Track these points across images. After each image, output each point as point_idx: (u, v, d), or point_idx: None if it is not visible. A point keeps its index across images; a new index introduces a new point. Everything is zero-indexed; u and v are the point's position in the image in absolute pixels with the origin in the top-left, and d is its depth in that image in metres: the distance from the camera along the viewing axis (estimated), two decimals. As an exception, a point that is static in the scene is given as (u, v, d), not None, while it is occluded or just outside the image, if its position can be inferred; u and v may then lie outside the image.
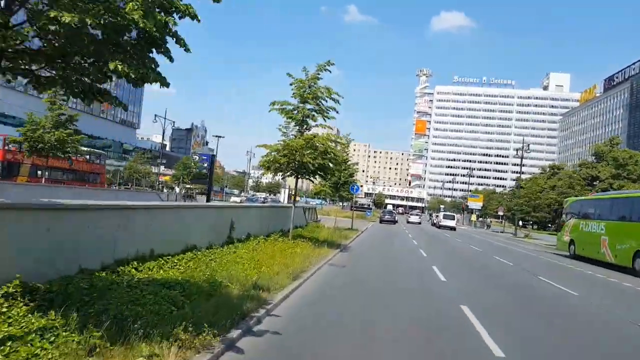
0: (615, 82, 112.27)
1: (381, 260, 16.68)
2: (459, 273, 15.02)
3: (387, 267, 14.84)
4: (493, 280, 14.29)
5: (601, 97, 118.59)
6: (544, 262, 22.11)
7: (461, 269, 16.55)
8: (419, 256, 18.99)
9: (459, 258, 20.55)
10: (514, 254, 25.35)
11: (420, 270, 14.60)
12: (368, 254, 18.36)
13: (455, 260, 19.31)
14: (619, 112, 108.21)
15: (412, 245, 24.28)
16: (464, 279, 13.69)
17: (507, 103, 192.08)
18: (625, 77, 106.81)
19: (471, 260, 19.85)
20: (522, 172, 51.83)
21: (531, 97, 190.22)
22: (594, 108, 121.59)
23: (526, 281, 14.25)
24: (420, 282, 12.10)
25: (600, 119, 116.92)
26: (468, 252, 23.89)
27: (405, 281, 12.09)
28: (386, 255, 18.85)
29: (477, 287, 12.35)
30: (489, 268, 17.63)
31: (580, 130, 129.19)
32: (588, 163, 56.91)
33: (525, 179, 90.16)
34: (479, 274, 15.39)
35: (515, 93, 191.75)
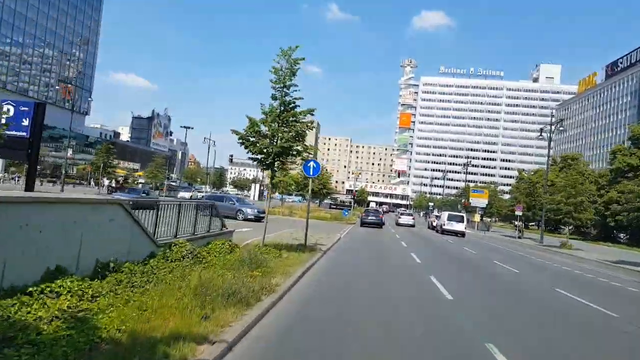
0: (619, 67, 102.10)
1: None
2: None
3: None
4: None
5: (603, 85, 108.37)
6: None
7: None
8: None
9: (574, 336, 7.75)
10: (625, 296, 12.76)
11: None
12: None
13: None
14: (625, 99, 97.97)
15: (443, 298, 11.17)
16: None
17: (496, 95, 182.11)
18: (632, 61, 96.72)
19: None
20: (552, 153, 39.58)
21: (521, 90, 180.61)
22: (595, 97, 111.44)
23: None
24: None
25: (604, 108, 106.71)
26: (561, 305, 11.18)
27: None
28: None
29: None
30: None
31: (580, 121, 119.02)
32: (624, 149, 45.60)
33: (529, 172, 78.70)
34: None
35: (504, 85, 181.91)
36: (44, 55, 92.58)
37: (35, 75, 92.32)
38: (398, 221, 41.75)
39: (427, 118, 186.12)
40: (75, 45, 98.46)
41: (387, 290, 9.44)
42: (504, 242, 33.99)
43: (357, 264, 12.83)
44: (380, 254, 16.26)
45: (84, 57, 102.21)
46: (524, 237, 40.17)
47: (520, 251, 26.39)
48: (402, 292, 9.32)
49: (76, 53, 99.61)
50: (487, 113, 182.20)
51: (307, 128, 11.77)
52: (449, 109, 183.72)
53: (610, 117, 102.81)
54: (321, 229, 25.59)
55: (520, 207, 38.93)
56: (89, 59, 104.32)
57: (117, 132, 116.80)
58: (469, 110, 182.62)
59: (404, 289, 9.74)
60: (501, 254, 22.37)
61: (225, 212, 25.28)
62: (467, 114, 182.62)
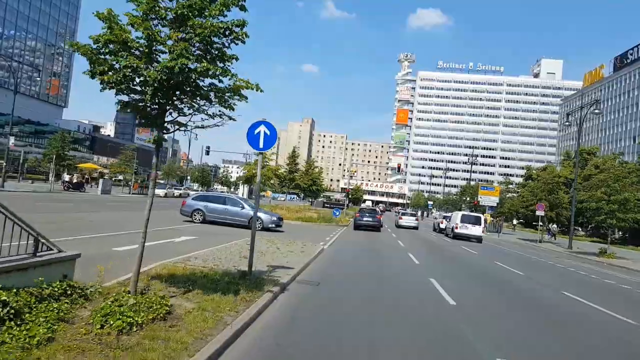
0: (629, 59, 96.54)
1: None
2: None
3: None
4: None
5: (611, 78, 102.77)
6: None
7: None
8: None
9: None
10: None
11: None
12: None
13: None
14: (636, 92, 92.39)
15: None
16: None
17: (496, 91, 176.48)
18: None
19: None
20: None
21: (521, 85, 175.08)
22: (603, 90, 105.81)
23: None
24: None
25: (613, 102, 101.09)
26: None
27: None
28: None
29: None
30: None
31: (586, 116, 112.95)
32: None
33: (538, 168, 72.88)
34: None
35: (504, 80, 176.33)
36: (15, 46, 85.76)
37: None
38: (399, 222, 35.68)
39: (424, 114, 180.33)
40: (53, 36, 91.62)
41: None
42: (530, 249, 28.01)
43: (339, 325, 6.27)
44: (380, 286, 9.51)
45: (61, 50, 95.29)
46: (539, 239, 34.24)
47: (559, 262, 20.38)
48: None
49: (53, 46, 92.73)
50: (486, 109, 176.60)
51: (234, 38, 5.60)
52: (448, 105, 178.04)
53: (621, 112, 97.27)
54: (302, 234, 19.52)
55: (541, 206, 32.91)
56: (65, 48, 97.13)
57: (97, 126, 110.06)
58: (468, 106, 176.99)
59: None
60: (560, 275, 16.30)
61: (231, 219, 19.43)
62: (466, 110, 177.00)
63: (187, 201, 20.75)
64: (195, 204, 19.92)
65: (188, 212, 19.80)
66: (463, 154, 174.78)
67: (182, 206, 20.42)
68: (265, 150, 8.04)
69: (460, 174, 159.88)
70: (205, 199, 20.49)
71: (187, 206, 20.07)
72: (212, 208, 19.66)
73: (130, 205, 28.56)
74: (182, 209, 20.28)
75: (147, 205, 5.60)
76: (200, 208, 19.62)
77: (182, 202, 21.07)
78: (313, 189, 47.26)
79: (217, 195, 22.41)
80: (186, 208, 20.03)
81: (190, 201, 20.58)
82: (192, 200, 20.74)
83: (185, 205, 20.26)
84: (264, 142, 7.90)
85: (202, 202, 19.97)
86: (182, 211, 20.14)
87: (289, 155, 39.45)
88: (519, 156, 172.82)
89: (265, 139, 7.90)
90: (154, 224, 17.42)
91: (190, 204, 20.08)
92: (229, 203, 20.22)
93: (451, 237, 27.54)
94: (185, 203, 20.53)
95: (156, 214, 25.16)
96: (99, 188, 41.32)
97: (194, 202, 20.18)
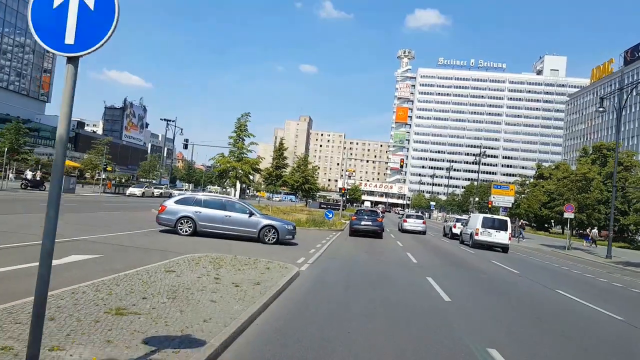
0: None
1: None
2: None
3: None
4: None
5: (621, 72, 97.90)
6: None
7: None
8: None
9: None
10: None
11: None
12: None
13: None
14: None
15: None
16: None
17: (498, 88, 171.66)
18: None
19: None
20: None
21: (524, 82, 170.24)
22: (613, 85, 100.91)
23: None
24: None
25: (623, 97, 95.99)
26: None
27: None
28: None
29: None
30: None
31: (593, 112, 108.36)
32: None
33: (549, 166, 67.95)
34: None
35: (507, 77, 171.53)
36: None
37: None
38: (403, 226, 30.59)
39: (425, 112, 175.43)
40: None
41: None
42: (567, 260, 23.02)
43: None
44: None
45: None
46: (570, 245, 29.22)
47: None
48: None
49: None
50: (488, 107, 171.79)
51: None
52: (448, 103, 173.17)
53: (632, 107, 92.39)
54: (279, 246, 14.48)
55: (571, 207, 27.91)
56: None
57: (81, 122, 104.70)
58: (470, 104, 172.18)
59: None
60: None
61: (234, 229, 14.45)
62: (467, 108, 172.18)
63: (167, 206, 14.64)
64: (181, 210, 14.37)
65: (170, 221, 14.28)
66: (464, 153, 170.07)
67: (161, 213, 14.55)
68: (86, 50, 2.88)
69: (462, 174, 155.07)
70: (197, 203, 14.71)
71: (169, 212, 14.39)
72: (207, 215, 14.37)
73: (78, 206, 23.50)
74: (160, 217, 14.53)
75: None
76: (190, 215, 14.25)
77: (159, 208, 15.04)
78: (305, 187, 42.01)
79: (212, 198, 15.80)
80: (167, 215, 14.37)
81: (172, 205, 14.61)
82: (176, 204, 14.73)
83: (165, 212, 14.45)
84: (80, 27, 2.80)
85: (191, 207, 14.44)
86: (161, 219, 14.48)
87: (276, 149, 34.31)
88: (522, 155, 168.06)
89: (84, 19, 2.79)
90: (97, 229, 12.29)
91: (174, 210, 14.40)
92: (231, 208, 14.78)
93: (470, 246, 22.42)
94: (165, 209, 14.54)
95: (119, 216, 20.54)
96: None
97: (179, 208, 14.46)
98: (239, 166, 22.09)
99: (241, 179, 22.95)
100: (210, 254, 9.93)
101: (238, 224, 14.47)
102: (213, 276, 7.55)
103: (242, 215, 14.65)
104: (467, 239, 23.43)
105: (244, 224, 14.52)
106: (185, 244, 12.33)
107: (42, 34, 2.86)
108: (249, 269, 8.70)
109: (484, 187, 50.90)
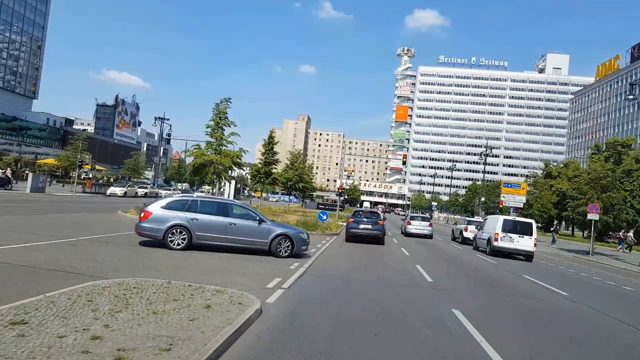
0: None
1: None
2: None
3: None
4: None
5: (628, 69, 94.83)
6: None
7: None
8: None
9: None
10: None
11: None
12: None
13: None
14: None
15: None
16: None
17: (499, 87, 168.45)
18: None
19: None
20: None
21: (526, 81, 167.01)
22: (619, 82, 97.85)
23: None
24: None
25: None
26: None
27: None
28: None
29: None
30: None
31: (599, 110, 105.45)
32: None
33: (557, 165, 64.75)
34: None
35: (508, 75, 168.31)
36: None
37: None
38: (407, 229, 27.23)
39: (425, 111, 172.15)
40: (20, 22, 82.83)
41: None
42: (600, 269, 19.77)
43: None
44: None
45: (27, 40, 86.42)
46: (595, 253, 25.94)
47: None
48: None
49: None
50: (489, 106, 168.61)
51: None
52: (449, 102, 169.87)
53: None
54: (256, 255, 11.23)
55: (595, 207, 24.64)
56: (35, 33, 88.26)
57: (69, 119, 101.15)
58: (471, 102, 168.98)
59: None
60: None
61: (240, 240, 11.42)
62: (468, 107, 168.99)
63: (152, 211, 11.12)
64: (171, 217, 11.06)
65: (157, 232, 10.94)
66: (465, 153, 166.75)
67: (143, 221, 11.06)
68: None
69: (463, 174, 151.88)
70: (191, 207, 11.31)
71: (155, 220, 10.98)
72: (206, 223, 11.20)
73: (31, 207, 20.25)
74: (142, 226, 11.06)
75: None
76: (183, 224, 11.03)
77: (142, 214, 11.29)
78: (300, 186, 38.59)
79: (211, 200, 12.35)
80: (152, 224, 10.97)
81: (159, 211, 11.14)
82: (165, 209, 11.22)
83: (150, 220, 11.00)
84: None
85: (183, 214, 11.13)
86: (144, 229, 11.05)
87: (265, 142, 30.94)
88: (524, 155, 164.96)
89: None
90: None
91: (161, 217, 11.03)
92: (234, 214, 11.64)
93: (487, 253, 19.05)
94: (149, 215, 11.05)
95: (71, 220, 17.32)
96: (27, 185, 32.89)
97: (168, 214, 11.09)
98: (218, 160, 18.71)
99: (220, 174, 19.58)
100: (128, 280, 6.59)
101: (245, 234, 11.43)
102: (91, 333, 4.22)
103: (250, 222, 11.56)
104: (482, 244, 20.08)
105: (252, 234, 11.50)
106: (134, 261, 9.01)
107: None
108: (176, 308, 5.37)
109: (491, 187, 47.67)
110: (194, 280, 7.20)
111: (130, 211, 20.98)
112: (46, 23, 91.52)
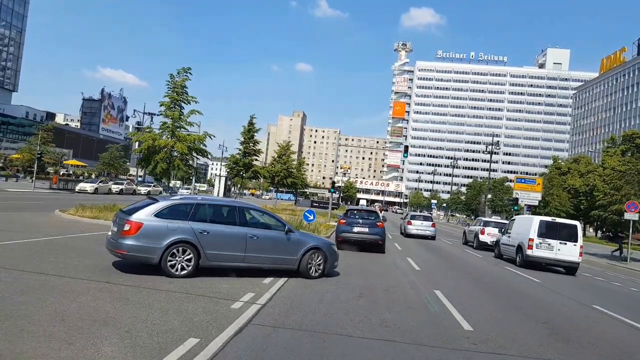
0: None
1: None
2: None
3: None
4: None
5: (635, 62, 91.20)
6: None
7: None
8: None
9: None
10: None
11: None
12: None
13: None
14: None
15: None
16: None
17: (499, 82, 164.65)
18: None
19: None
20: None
21: (526, 76, 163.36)
22: (625, 76, 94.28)
23: None
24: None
25: (636, 88, 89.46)
26: None
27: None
28: None
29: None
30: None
31: (603, 105, 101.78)
32: None
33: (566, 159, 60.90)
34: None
35: (508, 71, 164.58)
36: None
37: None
38: (407, 230, 23.20)
39: (423, 107, 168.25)
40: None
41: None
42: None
43: None
44: None
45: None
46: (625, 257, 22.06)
47: None
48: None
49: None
50: (488, 102, 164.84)
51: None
52: (447, 98, 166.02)
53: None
54: (217, 275, 7.08)
55: (635, 205, 20.71)
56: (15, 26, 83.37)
57: (51, 113, 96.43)
58: (469, 98, 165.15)
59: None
60: None
61: (264, 261, 8.13)
62: (466, 103, 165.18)
63: (144, 222, 7.17)
64: (170, 229, 7.25)
65: (151, 252, 7.10)
66: (464, 150, 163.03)
67: (130, 236, 7.04)
68: None
69: (462, 171, 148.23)
70: (196, 215, 7.61)
71: (146, 236, 7.08)
72: (219, 236, 7.61)
73: None
74: (125, 245, 7.04)
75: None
76: (189, 239, 7.31)
77: (126, 227, 7.12)
78: (288, 181, 34.37)
79: (221, 204, 8.58)
80: (141, 242, 7.05)
81: (152, 221, 7.22)
82: (158, 217, 7.30)
83: (138, 235, 7.05)
84: None
85: (187, 224, 7.41)
86: (128, 248, 7.06)
87: (244, 130, 26.78)
88: (524, 152, 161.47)
89: None
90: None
91: (156, 230, 7.18)
92: (254, 221, 8.36)
93: (518, 265, 14.86)
94: (138, 228, 7.09)
95: (19, 218, 13.11)
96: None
97: (166, 226, 7.25)
98: (172, 144, 14.53)
99: (175, 163, 15.38)
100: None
101: (270, 250, 8.18)
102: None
103: (276, 233, 8.38)
104: (508, 252, 15.95)
105: (279, 249, 8.30)
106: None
107: None
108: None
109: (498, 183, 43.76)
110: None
111: (69, 210, 16.86)
112: (26, 11, 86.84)
